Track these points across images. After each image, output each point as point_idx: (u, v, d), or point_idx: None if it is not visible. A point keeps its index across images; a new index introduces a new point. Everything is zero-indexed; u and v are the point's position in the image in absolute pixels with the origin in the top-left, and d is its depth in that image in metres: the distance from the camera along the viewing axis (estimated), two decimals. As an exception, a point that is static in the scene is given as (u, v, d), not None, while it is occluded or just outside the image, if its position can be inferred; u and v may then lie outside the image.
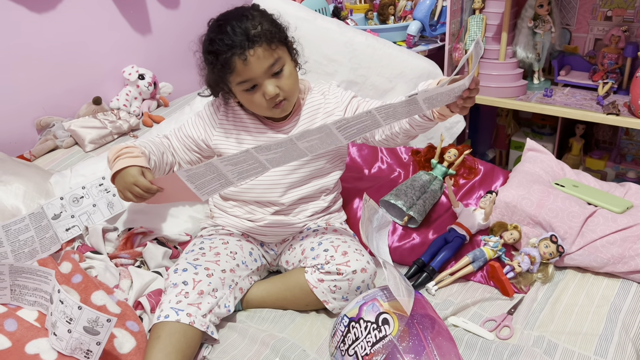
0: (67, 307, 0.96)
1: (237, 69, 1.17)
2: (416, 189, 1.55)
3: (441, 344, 0.99)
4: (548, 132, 2.31)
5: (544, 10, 1.91)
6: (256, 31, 1.17)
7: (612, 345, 1.13)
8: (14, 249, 1.18)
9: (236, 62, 1.16)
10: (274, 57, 1.19)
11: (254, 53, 1.16)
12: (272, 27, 1.21)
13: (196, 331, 1.13)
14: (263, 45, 1.17)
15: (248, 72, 1.18)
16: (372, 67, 1.81)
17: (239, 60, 1.16)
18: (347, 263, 1.22)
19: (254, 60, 1.17)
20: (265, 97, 1.21)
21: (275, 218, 1.35)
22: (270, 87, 1.20)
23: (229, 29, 1.17)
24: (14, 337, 1.01)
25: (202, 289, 1.17)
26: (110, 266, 1.31)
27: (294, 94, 1.28)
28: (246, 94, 1.23)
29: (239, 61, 1.16)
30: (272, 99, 1.22)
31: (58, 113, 1.85)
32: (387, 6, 2.33)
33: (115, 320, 0.95)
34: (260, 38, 1.17)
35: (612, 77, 1.94)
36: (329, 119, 1.33)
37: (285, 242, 1.39)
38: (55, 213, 1.36)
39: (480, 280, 1.38)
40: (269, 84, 1.20)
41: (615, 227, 1.34)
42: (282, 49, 1.22)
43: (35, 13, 1.71)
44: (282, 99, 1.24)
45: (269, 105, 1.23)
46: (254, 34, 1.16)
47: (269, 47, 1.18)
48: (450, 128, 1.92)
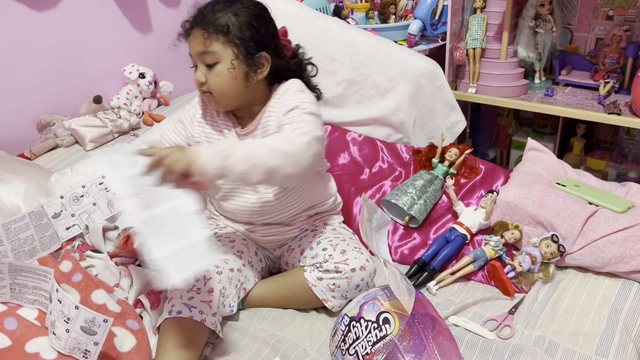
0: (64, 306, 0.96)
1: (188, 42, 1.21)
2: (417, 188, 1.54)
3: (442, 344, 0.99)
4: (549, 131, 2.30)
5: (545, 10, 1.91)
6: (211, 15, 1.17)
7: (613, 345, 1.13)
8: (14, 247, 1.18)
9: (187, 35, 1.20)
10: (205, 47, 1.17)
11: (193, 33, 1.18)
12: (231, 25, 1.16)
13: (206, 328, 1.13)
14: (200, 31, 1.17)
15: (190, 48, 1.21)
16: (373, 66, 1.81)
17: (186, 33, 1.21)
18: (345, 261, 1.21)
19: (192, 39, 1.19)
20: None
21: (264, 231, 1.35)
22: (199, 73, 1.20)
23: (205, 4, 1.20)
24: (14, 335, 1.01)
25: (212, 286, 1.17)
26: (110, 265, 1.31)
27: (219, 93, 1.21)
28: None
29: (186, 34, 1.21)
30: (199, 84, 1.22)
31: (58, 112, 1.85)
32: (388, 5, 2.33)
33: (112, 321, 0.95)
34: (206, 24, 1.16)
35: (614, 76, 1.94)
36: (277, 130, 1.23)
37: (284, 246, 1.39)
38: (56, 212, 1.36)
39: (481, 280, 1.38)
40: (199, 69, 1.20)
41: (616, 226, 1.34)
42: (225, 47, 1.17)
43: (36, 12, 1.71)
44: (205, 90, 1.22)
45: (198, 87, 1.23)
46: (205, 14, 1.17)
47: (207, 35, 1.16)
48: (451, 127, 1.91)
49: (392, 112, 1.83)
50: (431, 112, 1.87)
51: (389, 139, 1.85)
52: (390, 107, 1.83)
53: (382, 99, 1.84)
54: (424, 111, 1.87)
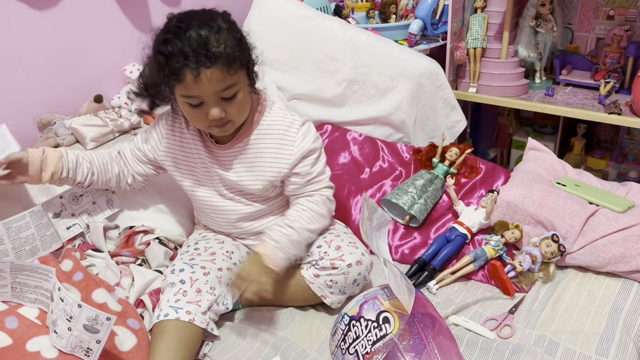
0: (67, 305, 0.96)
1: (186, 83, 1.06)
2: (418, 187, 1.55)
3: (442, 343, 0.99)
4: (549, 131, 2.30)
5: (546, 9, 1.91)
6: (218, 50, 1.06)
7: (614, 344, 1.13)
8: (15, 246, 1.18)
9: (186, 75, 1.05)
10: (228, 82, 1.09)
11: (208, 73, 1.05)
12: (236, 47, 1.09)
13: (197, 328, 1.13)
14: (220, 68, 1.06)
15: (197, 89, 1.08)
16: (374, 66, 1.81)
17: (190, 75, 1.05)
18: (341, 257, 1.22)
19: (206, 80, 1.06)
20: (209, 117, 1.12)
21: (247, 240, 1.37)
22: (216, 111, 1.11)
23: (189, 36, 1.05)
24: (14, 334, 1.01)
25: (199, 287, 1.17)
26: (111, 264, 1.31)
27: (241, 119, 1.19)
28: (188, 107, 1.13)
29: (190, 76, 1.05)
30: (215, 120, 1.13)
31: (59, 111, 1.85)
32: (389, 5, 2.32)
33: (115, 319, 0.95)
34: (219, 59, 1.05)
35: (614, 76, 1.94)
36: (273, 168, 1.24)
37: None
38: (56, 212, 1.36)
39: (482, 279, 1.38)
40: (215, 106, 1.11)
41: (616, 226, 1.34)
42: (240, 73, 1.12)
43: (37, 10, 1.71)
44: (225, 122, 1.15)
45: (210, 124, 1.15)
46: (214, 52, 1.05)
47: (226, 70, 1.07)
48: (452, 127, 1.91)
49: (393, 111, 1.83)
50: (432, 111, 1.87)
51: (390, 139, 1.85)
52: (390, 106, 1.83)
53: (382, 99, 1.84)
54: (425, 111, 1.87)
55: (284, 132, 1.24)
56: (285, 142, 1.23)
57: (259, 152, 1.25)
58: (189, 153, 1.29)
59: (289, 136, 1.23)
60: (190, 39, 1.05)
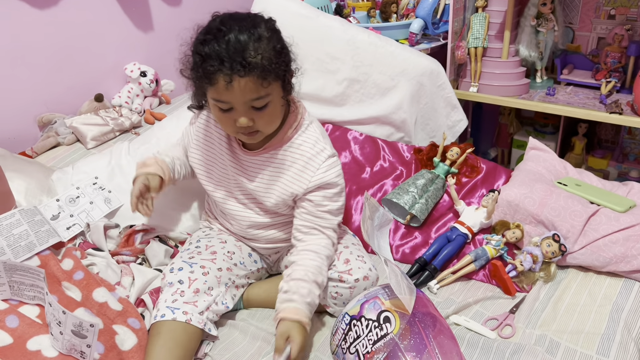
0: (55, 310, 0.96)
1: (218, 87, 1.06)
2: (418, 187, 1.54)
3: (443, 343, 0.99)
4: (550, 131, 2.30)
5: (547, 9, 1.90)
6: (254, 60, 1.03)
7: (615, 344, 1.13)
8: (10, 243, 1.17)
9: (219, 80, 1.04)
10: (261, 93, 1.07)
11: (241, 82, 1.04)
12: (274, 59, 1.07)
13: (195, 328, 1.13)
14: (254, 78, 1.04)
15: (228, 96, 1.07)
16: (375, 65, 1.80)
17: (222, 80, 1.04)
18: (349, 271, 1.21)
19: (238, 88, 1.05)
20: (237, 124, 1.11)
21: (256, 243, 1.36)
22: (244, 120, 1.09)
23: (227, 40, 1.04)
24: (15, 333, 1.01)
25: (197, 287, 1.17)
26: (111, 263, 1.31)
27: (269, 130, 1.17)
28: (218, 111, 1.12)
29: (223, 81, 1.04)
30: (242, 128, 1.12)
31: (60, 110, 1.85)
32: (390, 4, 2.32)
33: (99, 326, 0.95)
34: (254, 69, 1.03)
35: (615, 75, 1.94)
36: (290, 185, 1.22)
37: (280, 252, 1.39)
38: (53, 214, 1.36)
39: (482, 279, 1.38)
40: (244, 115, 1.10)
41: (617, 226, 1.33)
42: (275, 84, 1.10)
43: (38, 9, 1.71)
44: (253, 131, 1.14)
45: (238, 131, 1.14)
46: (250, 61, 1.03)
47: (260, 82, 1.05)
48: (453, 127, 1.91)
49: (394, 111, 1.83)
50: (432, 111, 1.87)
51: (390, 138, 1.84)
52: (391, 105, 1.83)
53: (383, 98, 1.84)
54: (425, 110, 1.87)
55: (311, 157, 1.21)
56: (308, 167, 1.21)
57: (281, 168, 1.23)
58: (215, 153, 1.30)
59: (314, 162, 1.21)
60: (228, 44, 1.03)
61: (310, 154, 1.21)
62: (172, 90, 2.13)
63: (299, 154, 1.22)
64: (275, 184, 1.24)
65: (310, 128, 1.25)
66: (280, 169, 1.23)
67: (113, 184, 1.53)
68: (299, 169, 1.21)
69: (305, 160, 1.21)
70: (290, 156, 1.22)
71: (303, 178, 1.21)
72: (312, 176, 1.20)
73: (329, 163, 1.21)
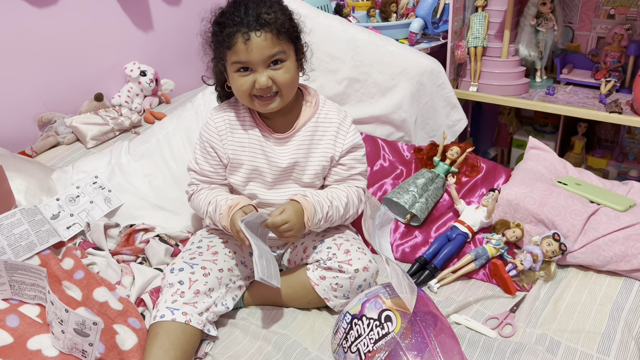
0: (57, 308, 0.96)
1: (237, 47, 1.14)
2: (418, 186, 1.55)
3: (444, 341, 0.99)
4: (550, 130, 2.30)
5: (547, 8, 1.91)
6: (269, 17, 1.14)
7: (615, 343, 1.13)
8: (10, 242, 1.17)
9: (238, 40, 1.13)
10: (277, 48, 1.16)
11: (259, 36, 1.13)
12: (286, 21, 1.18)
13: (194, 328, 1.13)
14: (270, 33, 1.14)
15: (246, 54, 1.14)
16: (375, 65, 1.80)
17: (241, 39, 1.13)
18: (349, 261, 1.21)
19: (256, 44, 1.13)
20: (256, 86, 1.17)
21: None
22: (263, 78, 1.16)
23: (243, 8, 1.14)
24: (16, 332, 1.01)
25: (198, 288, 1.17)
26: (112, 262, 1.31)
27: (289, 92, 1.23)
28: (237, 76, 1.19)
29: (241, 40, 1.13)
30: (261, 90, 1.18)
31: (60, 109, 1.85)
32: (390, 3, 2.32)
33: (102, 324, 0.95)
34: (270, 25, 1.14)
35: (615, 75, 1.94)
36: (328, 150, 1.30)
37: (287, 245, 1.39)
38: (54, 213, 1.36)
39: (483, 278, 1.38)
40: (263, 73, 1.17)
41: (618, 225, 1.34)
42: (289, 45, 1.19)
43: (37, 9, 1.71)
44: (274, 92, 1.20)
45: (257, 93, 1.19)
46: (265, 18, 1.14)
47: (275, 36, 1.15)
48: (452, 126, 1.91)
49: (394, 110, 1.83)
50: (432, 110, 1.87)
51: (390, 137, 1.85)
52: (391, 105, 1.83)
53: (383, 97, 1.84)
54: (425, 109, 1.87)
55: (340, 122, 1.32)
56: (340, 132, 1.31)
57: (316, 138, 1.31)
58: (245, 145, 1.30)
59: (344, 127, 1.32)
60: (245, 9, 1.14)
61: (339, 120, 1.32)
62: (171, 89, 2.13)
63: (329, 121, 1.31)
64: (313, 155, 1.31)
65: (328, 101, 1.36)
66: (315, 140, 1.31)
67: (113, 183, 1.53)
68: (333, 135, 1.31)
69: (337, 126, 1.31)
70: (322, 126, 1.31)
71: (338, 142, 1.31)
72: (345, 138, 1.31)
73: (354, 127, 1.34)
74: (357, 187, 1.34)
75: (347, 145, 1.31)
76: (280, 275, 1.33)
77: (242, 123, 1.31)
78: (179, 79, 2.15)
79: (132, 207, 1.50)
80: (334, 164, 1.32)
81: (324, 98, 1.36)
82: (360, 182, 1.35)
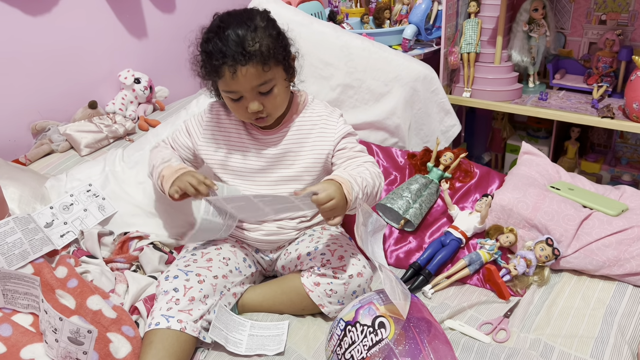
0: (50, 317, 0.96)
1: (225, 79, 1.17)
2: (412, 192, 1.55)
3: (437, 347, 0.99)
4: (543, 135, 2.31)
5: (539, 14, 1.92)
6: (253, 48, 1.14)
7: (608, 347, 1.13)
8: (3, 251, 1.17)
9: (225, 72, 1.15)
10: (264, 78, 1.18)
11: (244, 70, 1.14)
12: (272, 45, 1.18)
13: (189, 336, 1.13)
14: (255, 65, 1.15)
15: (235, 85, 1.17)
16: (368, 71, 1.81)
17: (228, 72, 1.15)
18: (343, 267, 1.21)
19: (243, 76, 1.15)
20: (248, 111, 1.22)
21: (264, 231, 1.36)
22: (254, 105, 1.20)
23: (226, 35, 1.15)
24: (8, 342, 1.00)
25: (193, 295, 1.16)
26: (106, 270, 1.30)
27: (278, 112, 1.27)
28: (230, 101, 1.24)
29: (228, 73, 1.15)
30: (254, 113, 1.22)
31: (53, 117, 1.84)
32: (383, 10, 2.33)
33: (96, 332, 0.95)
34: (254, 56, 1.14)
35: (607, 80, 1.95)
36: (318, 145, 1.32)
37: (282, 249, 1.39)
38: (47, 222, 1.36)
39: (477, 284, 1.39)
40: (253, 100, 1.20)
41: (610, 229, 1.34)
42: (277, 68, 1.20)
43: (31, 16, 1.71)
44: (264, 115, 1.24)
45: (251, 117, 1.24)
46: (249, 50, 1.14)
47: (261, 67, 1.16)
48: (446, 131, 1.92)
49: (387, 116, 1.84)
50: (426, 116, 1.88)
51: (384, 143, 1.85)
52: (385, 111, 1.84)
53: (377, 104, 1.85)
54: (419, 115, 1.87)
55: (328, 115, 1.34)
56: (329, 123, 1.33)
57: (304, 132, 1.33)
58: (233, 142, 1.35)
59: (332, 118, 1.34)
60: (228, 39, 1.14)
61: (327, 113, 1.35)
62: (166, 96, 2.13)
63: (317, 115, 1.34)
64: (303, 147, 1.32)
65: (316, 99, 1.39)
66: (304, 133, 1.33)
67: (107, 190, 1.52)
68: (322, 127, 1.33)
69: (325, 119, 1.34)
70: (309, 119, 1.34)
71: (328, 132, 1.32)
72: (335, 129, 1.32)
73: (344, 119, 1.36)
74: (365, 161, 1.31)
75: (339, 134, 1.32)
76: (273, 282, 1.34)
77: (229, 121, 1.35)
78: (173, 86, 2.16)
79: (126, 214, 1.50)
80: (331, 154, 1.33)
81: (312, 97, 1.38)
82: (365, 157, 1.32)
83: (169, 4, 2.12)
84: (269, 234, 1.35)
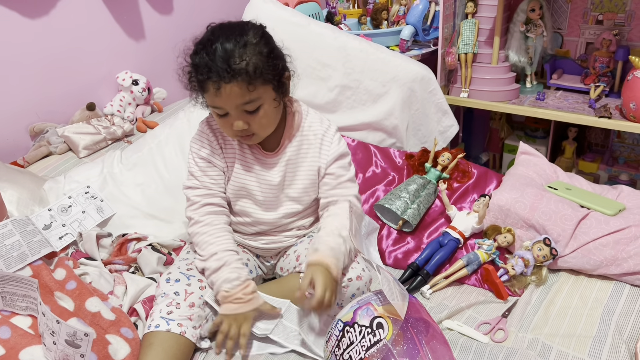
0: (48, 320, 0.96)
1: (210, 94, 1.12)
2: (410, 192, 1.55)
3: (435, 348, 0.99)
4: (541, 135, 2.32)
5: (536, 15, 1.92)
6: (238, 66, 1.08)
7: (606, 347, 1.13)
8: (2, 253, 1.17)
9: (209, 88, 1.10)
10: (249, 97, 1.12)
11: (228, 88, 1.09)
12: (261, 63, 1.11)
13: (188, 340, 1.13)
14: (240, 84, 1.09)
15: (219, 101, 1.12)
16: (366, 72, 1.81)
17: (212, 87, 1.10)
18: (342, 270, 1.21)
19: (226, 94, 1.10)
20: (233, 128, 1.16)
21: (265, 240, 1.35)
22: (239, 123, 1.14)
23: (214, 49, 1.09)
24: (7, 344, 1.00)
25: (193, 301, 1.16)
26: (104, 272, 1.30)
27: (265, 132, 1.21)
28: (217, 116, 1.18)
29: (212, 88, 1.10)
30: (239, 131, 1.17)
31: (52, 119, 1.84)
32: (380, 11, 2.34)
33: (93, 335, 0.95)
34: (239, 74, 1.08)
35: (604, 80, 1.96)
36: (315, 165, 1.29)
37: (280, 254, 1.39)
38: (46, 224, 1.36)
39: (475, 284, 1.39)
40: (238, 119, 1.14)
41: (607, 229, 1.35)
42: (265, 88, 1.13)
43: (29, 19, 1.71)
44: (249, 134, 1.18)
45: (237, 134, 1.19)
46: (234, 68, 1.08)
47: (246, 86, 1.10)
48: (444, 132, 1.92)
49: (385, 117, 1.84)
50: (424, 116, 1.88)
51: (382, 144, 1.85)
52: (383, 112, 1.84)
53: (375, 104, 1.85)
54: (417, 116, 1.88)
55: (324, 133, 1.30)
56: (324, 142, 1.30)
57: (302, 152, 1.30)
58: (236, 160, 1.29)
59: (327, 137, 1.30)
60: (215, 53, 1.09)
61: (322, 131, 1.30)
62: (164, 98, 2.14)
63: (313, 134, 1.30)
64: (300, 169, 1.30)
65: (310, 111, 1.34)
66: (302, 154, 1.30)
67: (105, 192, 1.53)
68: (317, 147, 1.30)
69: (320, 137, 1.30)
70: (306, 139, 1.30)
71: (323, 153, 1.30)
72: (329, 148, 1.30)
73: (338, 136, 1.33)
74: (350, 196, 1.30)
75: (333, 154, 1.29)
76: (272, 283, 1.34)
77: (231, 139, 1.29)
78: (171, 88, 2.16)
79: (124, 216, 1.50)
80: (322, 175, 1.30)
81: (307, 108, 1.33)
82: (350, 189, 1.32)
83: (167, 5, 2.12)
84: (270, 242, 1.35)
